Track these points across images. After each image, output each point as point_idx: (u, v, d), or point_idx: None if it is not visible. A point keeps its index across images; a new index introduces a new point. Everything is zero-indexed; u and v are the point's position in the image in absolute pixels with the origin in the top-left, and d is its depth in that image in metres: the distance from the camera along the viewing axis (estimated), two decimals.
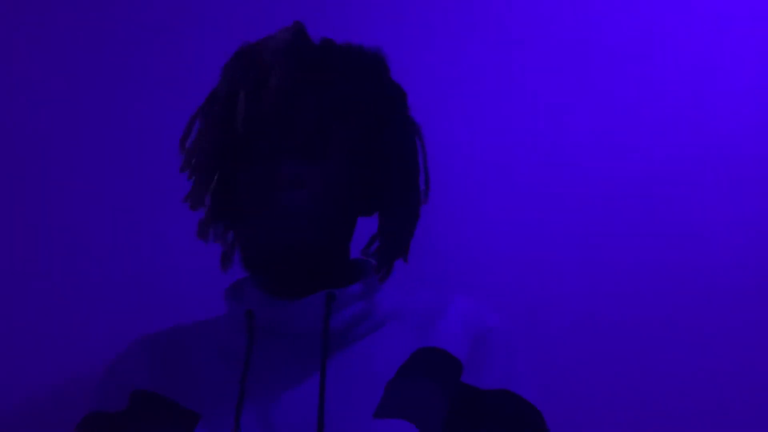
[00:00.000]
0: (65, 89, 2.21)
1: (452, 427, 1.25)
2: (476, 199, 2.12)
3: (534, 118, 2.17)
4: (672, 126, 2.15)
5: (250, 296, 1.36)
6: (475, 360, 1.32)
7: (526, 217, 2.10)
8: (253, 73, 1.29)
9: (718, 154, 2.12)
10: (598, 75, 2.18)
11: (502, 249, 2.08)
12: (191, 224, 1.45)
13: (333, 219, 1.29)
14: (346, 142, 1.31)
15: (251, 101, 1.28)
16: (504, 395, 1.30)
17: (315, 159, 1.29)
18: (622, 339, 2.03)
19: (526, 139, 2.15)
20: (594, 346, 2.02)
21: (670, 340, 2.03)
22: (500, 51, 2.20)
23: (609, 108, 2.16)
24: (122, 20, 2.25)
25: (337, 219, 1.30)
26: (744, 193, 2.09)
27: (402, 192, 1.36)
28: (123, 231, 2.13)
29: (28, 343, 2.06)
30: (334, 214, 1.29)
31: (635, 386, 2.01)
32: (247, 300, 1.36)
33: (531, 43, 2.20)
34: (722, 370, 2.00)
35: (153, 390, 1.32)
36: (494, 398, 1.29)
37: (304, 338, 1.29)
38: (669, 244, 2.08)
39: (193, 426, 1.25)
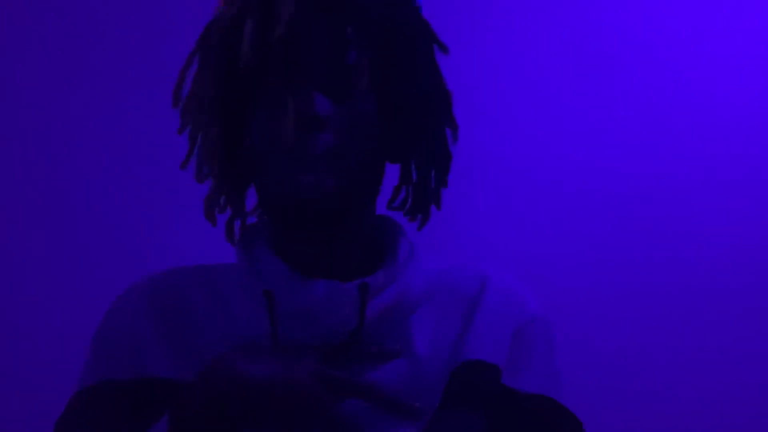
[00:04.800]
0: (65, 89, 2.21)
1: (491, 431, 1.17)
2: (476, 199, 2.11)
3: (537, 119, 2.17)
4: (676, 129, 2.15)
5: (268, 270, 1.18)
6: (515, 358, 1.20)
7: (527, 216, 2.10)
8: None
9: (722, 156, 2.12)
10: (602, 77, 2.18)
11: (503, 248, 2.07)
12: (192, 220, 1.41)
13: (362, 163, 1.14)
14: (371, 75, 1.15)
15: (259, 29, 1.11)
16: (545, 402, 1.20)
17: (337, 96, 1.13)
18: (624, 338, 2.02)
19: (527, 140, 2.15)
20: (595, 344, 2.02)
21: (672, 340, 2.02)
22: (506, 52, 2.20)
23: (612, 110, 2.16)
24: (121, 21, 2.26)
25: (365, 163, 1.15)
26: (746, 194, 2.09)
27: (435, 131, 1.22)
28: (124, 230, 2.13)
29: (28, 342, 2.04)
30: (362, 158, 1.14)
31: (636, 385, 2.00)
32: (265, 274, 1.18)
33: (536, 43, 2.21)
34: (724, 370, 2.00)
35: (170, 376, 1.15)
36: (535, 405, 1.19)
37: (333, 328, 1.15)
38: (672, 243, 2.07)
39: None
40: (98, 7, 2.25)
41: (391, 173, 2.15)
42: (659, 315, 2.05)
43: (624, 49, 2.19)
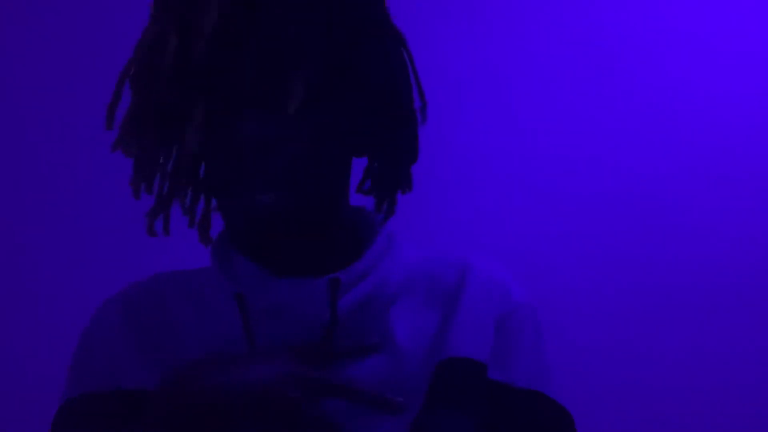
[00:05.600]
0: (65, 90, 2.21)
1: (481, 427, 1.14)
2: (477, 198, 2.12)
3: (533, 117, 2.17)
4: (675, 128, 2.14)
5: (239, 271, 1.16)
6: (500, 350, 1.17)
7: (528, 215, 2.10)
8: (184, 11, 1.05)
9: (721, 155, 2.12)
10: (601, 77, 2.18)
11: (504, 248, 2.08)
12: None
13: (319, 173, 1.08)
14: (315, 81, 1.06)
15: (183, 47, 1.04)
16: (534, 396, 1.16)
17: (281, 111, 1.05)
18: (622, 337, 2.02)
19: (523, 138, 2.15)
20: (592, 344, 2.01)
21: (671, 339, 2.02)
22: (507, 52, 2.20)
23: (609, 108, 2.16)
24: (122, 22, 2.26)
25: (324, 172, 1.09)
26: (745, 193, 2.08)
27: (396, 118, 1.15)
28: (123, 231, 2.13)
29: (29, 342, 2.06)
30: (319, 168, 1.08)
31: (630, 383, 2.00)
32: (237, 276, 1.17)
33: (534, 40, 2.20)
34: (722, 369, 1.99)
35: (144, 388, 1.14)
36: (523, 400, 1.16)
37: (305, 326, 1.12)
38: (671, 243, 2.07)
39: None
40: (97, 8, 2.26)
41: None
42: (654, 313, 2.05)
43: (623, 48, 2.19)
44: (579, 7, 2.22)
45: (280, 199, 1.05)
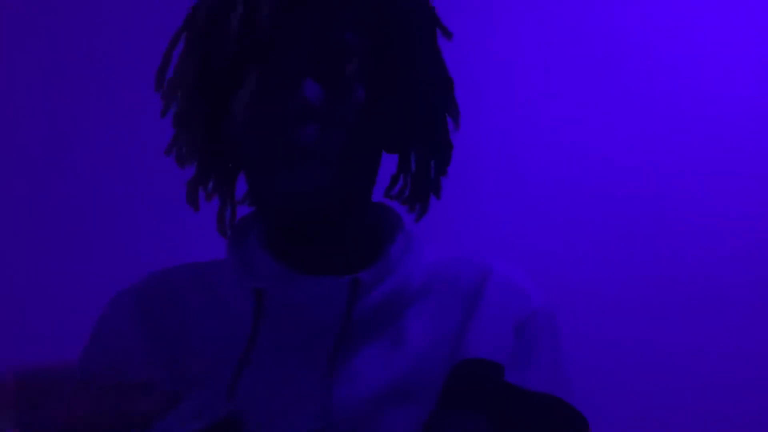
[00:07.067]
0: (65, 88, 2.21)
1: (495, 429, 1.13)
2: (480, 193, 2.12)
3: (539, 117, 2.17)
4: (675, 126, 2.15)
5: (259, 266, 1.15)
6: (518, 353, 1.16)
7: (532, 211, 2.10)
8: None
9: (719, 153, 2.13)
10: (605, 73, 2.18)
11: (505, 243, 2.08)
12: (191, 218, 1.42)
13: (357, 155, 1.07)
14: (362, 59, 1.07)
15: (246, 12, 1.05)
16: (550, 401, 1.16)
17: (329, 82, 1.06)
18: (627, 334, 2.02)
19: (531, 138, 2.15)
20: (598, 340, 2.02)
21: (675, 336, 2.03)
22: (512, 46, 2.20)
23: (616, 104, 2.17)
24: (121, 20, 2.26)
25: (360, 155, 1.08)
26: (746, 192, 2.09)
27: (435, 119, 1.15)
28: (124, 228, 2.13)
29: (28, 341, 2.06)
30: (357, 150, 1.07)
31: (639, 381, 2.00)
32: (256, 270, 1.15)
33: (542, 37, 2.21)
34: (723, 371, 2.00)
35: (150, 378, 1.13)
36: (539, 404, 1.15)
37: (322, 324, 1.12)
38: (673, 241, 2.08)
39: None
40: (95, 5, 2.26)
41: (389, 160, 2.15)
42: (661, 311, 2.05)
43: (629, 45, 2.19)
44: (589, 5, 2.23)
45: (320, 175, 1.04)
